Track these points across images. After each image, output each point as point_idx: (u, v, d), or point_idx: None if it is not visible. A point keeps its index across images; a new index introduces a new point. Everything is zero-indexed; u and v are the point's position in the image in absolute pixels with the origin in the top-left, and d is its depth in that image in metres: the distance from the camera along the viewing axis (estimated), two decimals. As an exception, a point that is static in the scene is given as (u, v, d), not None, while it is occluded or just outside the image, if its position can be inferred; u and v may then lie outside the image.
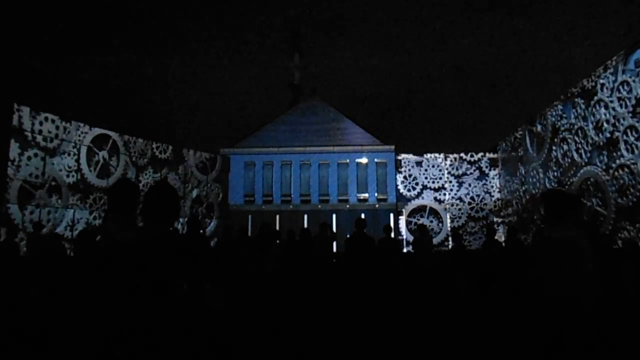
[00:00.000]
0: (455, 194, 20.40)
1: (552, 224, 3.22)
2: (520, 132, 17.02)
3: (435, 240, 18.87)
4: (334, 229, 17.81)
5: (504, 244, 10.92)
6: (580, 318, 2.96)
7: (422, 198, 20.62)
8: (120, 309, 2.14)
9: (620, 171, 10.54)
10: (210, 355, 2.56)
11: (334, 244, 9.90)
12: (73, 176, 14.50)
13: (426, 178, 20.70)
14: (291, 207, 20.68)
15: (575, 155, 12.62)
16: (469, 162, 20.67)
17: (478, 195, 20.34)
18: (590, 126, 11.82)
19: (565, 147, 13.23)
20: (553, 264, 3.09)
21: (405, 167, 20.89)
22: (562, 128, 13.44)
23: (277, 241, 7.84)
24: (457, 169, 20.62)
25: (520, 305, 5.42)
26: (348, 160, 21.03)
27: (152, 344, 2.12)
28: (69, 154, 14.40)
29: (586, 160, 12.08)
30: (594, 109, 11.67)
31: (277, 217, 20.08)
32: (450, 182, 20.54)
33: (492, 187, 20.28)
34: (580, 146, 12.40)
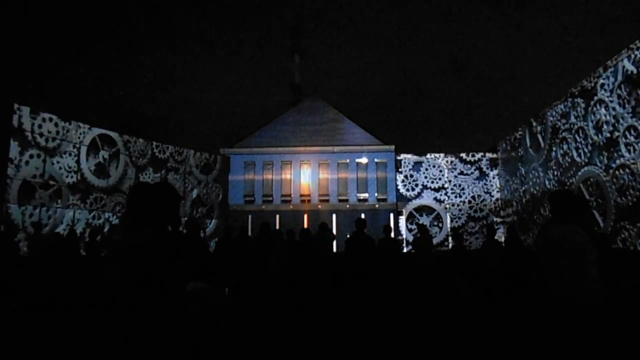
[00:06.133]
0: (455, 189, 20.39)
1: (556, 224, 3.21)
2: (520, 132, 17.02)
3: (435, 240, 18.87)
4: (334, 229, 17.82)
5: (504, 244, 10.91)
6: (584, 319, 2.95)
7: (422, 198, 20.62)
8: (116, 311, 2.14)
9: (621, 171, 10.54)
10: (212, 355, 2.56)
11: (334, 243, 9.90)
12: (73, 176, 14.49)
13: (426, 178, 20.70)
14: (291, 207, 20.68)
15: (575, 155, 12.62)
16: (469, 162, 20.68)
17: (478, 196, 20.34)
18: (590, 126, 11.82)
19: (565, 147, 13.23)
20: (557, 265, 3.08)
21: (405, 167, 20.88)
22: (562, 128, 13.44)
23: (280, 241, 7.83)
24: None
25: (523, 305, 5.42)
26: (348, 160, 21.02)
27: (152, 346, 2.11)
28: (69, 154, 14.40)
29: (586, 160, 12.08)
30: (594, 109, 11.67)
31: (277, 217, 20.09)
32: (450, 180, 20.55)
33: (492, 187, 20.28)
34: (580, 146, 12.40)
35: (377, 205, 20.51)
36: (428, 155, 20.94)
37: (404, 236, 20.07)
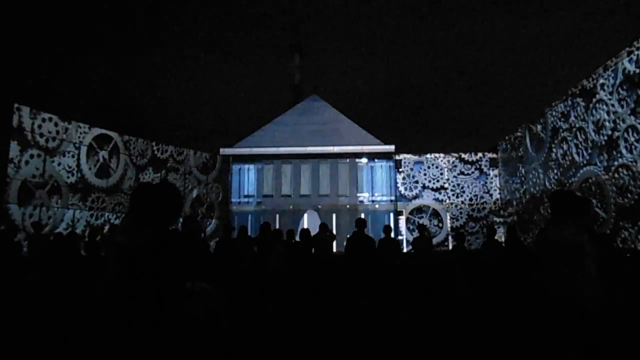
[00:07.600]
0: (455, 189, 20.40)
1: (557, 224, 3.20)
2: (520, 132, 17.02)
3: (435, 240, 18.86)
4: (334, 229, 17.82)
5: (504, 244, 10.91)
6: (584, 319, 2.94)
7: (422, 198, 20.61)
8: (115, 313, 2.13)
9: (621, 171, 10.54)
10: (212, 355, 2.55)
11: (334, 243, 9.90)
12: (73, 176, 14.49)
13: (426, 178, 20.69)
14: (291, 207, 20.66)
15: (576, 156, 12.62)
16: (469, 162, 20.66)
17: (476, 195, 20.33)
18: (591, 126, 11.82)
19: (565, 147, 13.22)
20: (557, 265, 3.07)
21: (405, 167, 20.87)
22: (562, 128, 13.44)
23: (280, 241, 7.83)
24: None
25: (523, 305, 5.42)
26: (348, 160, 21.00)
27: (152, 346, 2.11)
28: (69, 154, 14.40)
29: (586, 160, 12.08)
30: (594, 109, 11.66)
31: (277, 217, 20.07)
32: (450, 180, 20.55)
33: (492, 187, 20.27)
34: (580, 146, 12.39)
35: (377, 205, 20.50)
36: (428, 155, 20.93)
37: (404, 236, 20.06)
